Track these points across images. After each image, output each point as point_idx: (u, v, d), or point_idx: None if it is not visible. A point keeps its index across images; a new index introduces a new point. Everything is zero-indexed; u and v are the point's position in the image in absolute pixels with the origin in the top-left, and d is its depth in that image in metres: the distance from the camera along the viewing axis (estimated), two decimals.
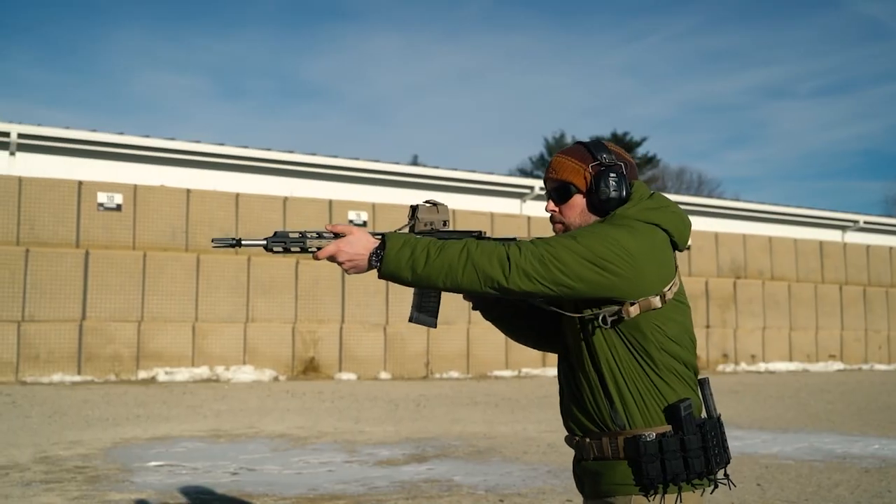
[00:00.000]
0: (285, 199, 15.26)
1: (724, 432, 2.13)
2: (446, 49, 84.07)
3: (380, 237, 2.12)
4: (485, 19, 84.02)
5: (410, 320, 2.38)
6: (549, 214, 2.27)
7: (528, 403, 11.76)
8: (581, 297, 2.04)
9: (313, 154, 18.72)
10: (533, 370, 16.97)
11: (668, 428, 2.05)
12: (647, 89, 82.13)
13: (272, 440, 8.08)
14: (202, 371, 13.77)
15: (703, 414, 2.16)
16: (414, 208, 2.36)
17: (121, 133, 17.13)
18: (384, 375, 15.35)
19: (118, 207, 13.69)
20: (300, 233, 2.23)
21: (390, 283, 2.01)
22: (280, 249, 2.26)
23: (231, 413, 9.92)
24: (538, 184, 22.51)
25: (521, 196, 22.27)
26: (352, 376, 15.00)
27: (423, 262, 2.00)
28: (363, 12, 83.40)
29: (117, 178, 15.47)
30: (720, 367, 19.39)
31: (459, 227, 15.72)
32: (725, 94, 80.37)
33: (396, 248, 2.03)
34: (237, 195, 14.89)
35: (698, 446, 2.03)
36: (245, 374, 13.94)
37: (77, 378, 12.87)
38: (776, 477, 6.61)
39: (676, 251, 2.19)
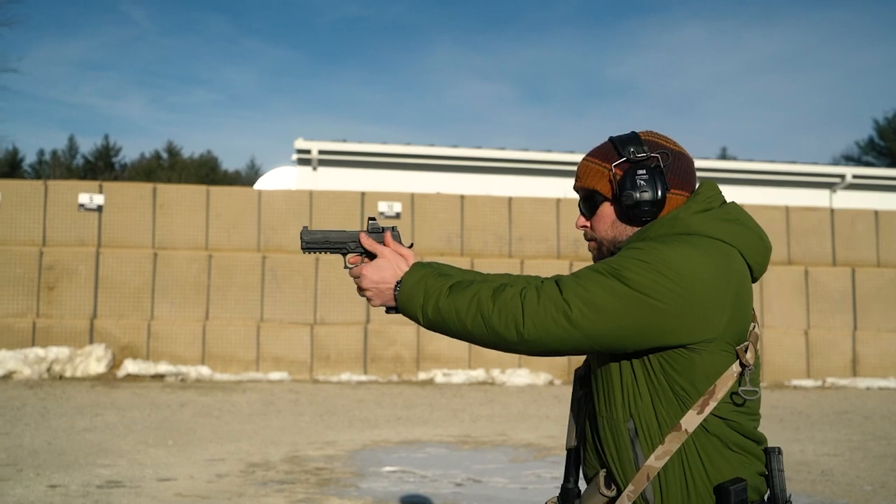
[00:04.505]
0: (558, 201, 15.01)
1: None
2: (760, 33, 79.14)
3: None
4: None
5: None
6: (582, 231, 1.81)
7: (822, 419, 10.41)
8: (626, 349, 1.56)
9: None
10: (840, 380, 15.10)
11: None
12: None
13: (516, 449, 7.85)
14: (478, 374, 13.93)
15: (767, 495, 1.60)
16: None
17: (407, 143, 18.02)
18: None
19: (397, 215, 14.31)
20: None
21: None
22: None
23: (488, 418, 9.86)
24: (852, 171, 20.25)
25: (830, 186, 20.17)
26: None
27: (433, 304, 1.63)
28: (668, 5, 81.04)
29: (401, 186, 16.25)
30: None
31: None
32: None
33: (412, 282, 1.68)
34: (510, 199, 14.91)
35: None
36: (520, 377, 13.88)
37: (363, 378, 13.62)
38: None
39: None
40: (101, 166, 49.44)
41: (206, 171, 46.12)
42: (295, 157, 18.71)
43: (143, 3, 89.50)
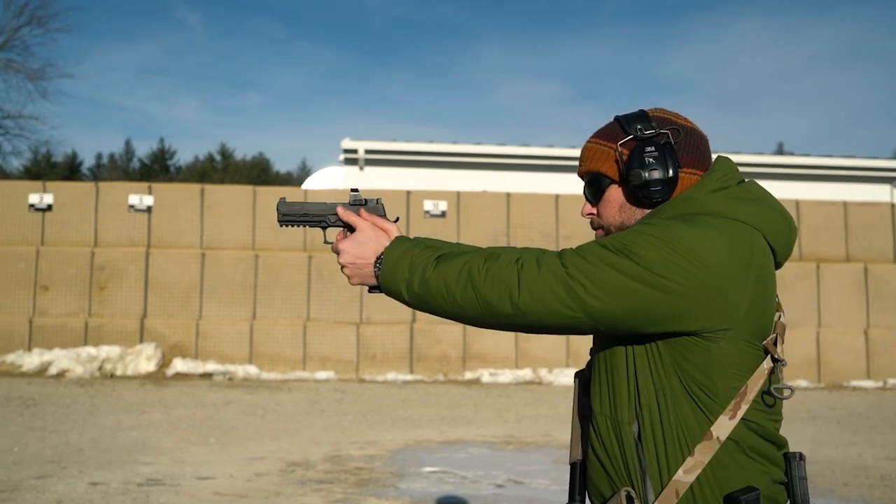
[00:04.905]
0: None
1: None
2: (821, 26, 77.42)
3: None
4: None
5: None
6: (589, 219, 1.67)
7: (881, 422, 10.03)
8: (631, 332, 1.42)
9: None
10: None
11: None
12: None
13: (560, 450, 7.68)
14: (525, 373, 13.76)
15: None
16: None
17: (454, 143, 17.93)
18: None
19: (443, 214, 14.22)
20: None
21: None
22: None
23: (534, 418, 9.70)
24: None
25: (891, 181, 19.57)
26: None
27: (419, 278, 1.49)
28: (723, 0, 79.72)
29: (447, 185, 16.16)
30: None
31: (808, 219, 13.85)
32: None
33: (395, 255, 1.54)
34: (557, 196, 14.72)
35: None
36: (567, 377, 13.66)
37: (409, 377, 13.55)
38: None
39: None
40: (157, 169, 50.37)
41: (258, 173, 46.67)
42: (342, 156, 18.77)
43: (198, 8, 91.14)
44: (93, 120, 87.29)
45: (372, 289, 1.63)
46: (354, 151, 17.73)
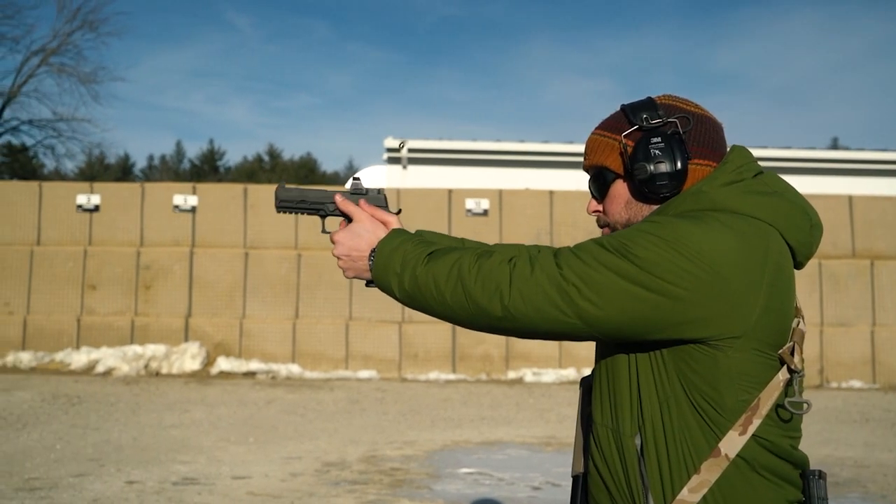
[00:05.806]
0: None
1: None
2: (877, 18, 75.43)
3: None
4: None
5: None
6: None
7: None
8: (632, 339, 1.31)
9: None
10: None
11: None
12: None
13: None
14: (568, 373, 13.59)
15: None
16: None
17: (497, 140, 17.81)
18: None
19: (485, 212, 14.11)
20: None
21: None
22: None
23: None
24: None
25: None
26: None
27: (410, 273, 1.40)
28: None
29: (490, 183, 16.05)
30: None
31: (863, 215, 13.56)
32: None
33: (389, 249, 1.46)
34: None
35: None
36: None
37: (451, 377, 13.47)
38: None
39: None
40: (207, 170, 51.07)
41: (306, 173, 47.06)
42: (385, 155, 18.76)
43: (248, 11, 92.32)
44: (144, 122, 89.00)
45: (368, 283, 1.56)
46: (398, 150, 17.72)
